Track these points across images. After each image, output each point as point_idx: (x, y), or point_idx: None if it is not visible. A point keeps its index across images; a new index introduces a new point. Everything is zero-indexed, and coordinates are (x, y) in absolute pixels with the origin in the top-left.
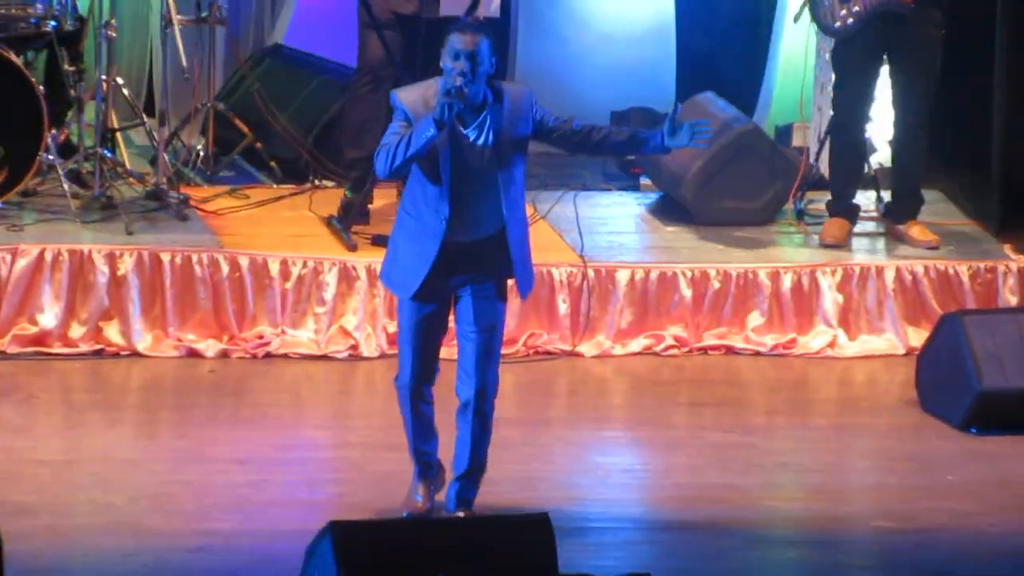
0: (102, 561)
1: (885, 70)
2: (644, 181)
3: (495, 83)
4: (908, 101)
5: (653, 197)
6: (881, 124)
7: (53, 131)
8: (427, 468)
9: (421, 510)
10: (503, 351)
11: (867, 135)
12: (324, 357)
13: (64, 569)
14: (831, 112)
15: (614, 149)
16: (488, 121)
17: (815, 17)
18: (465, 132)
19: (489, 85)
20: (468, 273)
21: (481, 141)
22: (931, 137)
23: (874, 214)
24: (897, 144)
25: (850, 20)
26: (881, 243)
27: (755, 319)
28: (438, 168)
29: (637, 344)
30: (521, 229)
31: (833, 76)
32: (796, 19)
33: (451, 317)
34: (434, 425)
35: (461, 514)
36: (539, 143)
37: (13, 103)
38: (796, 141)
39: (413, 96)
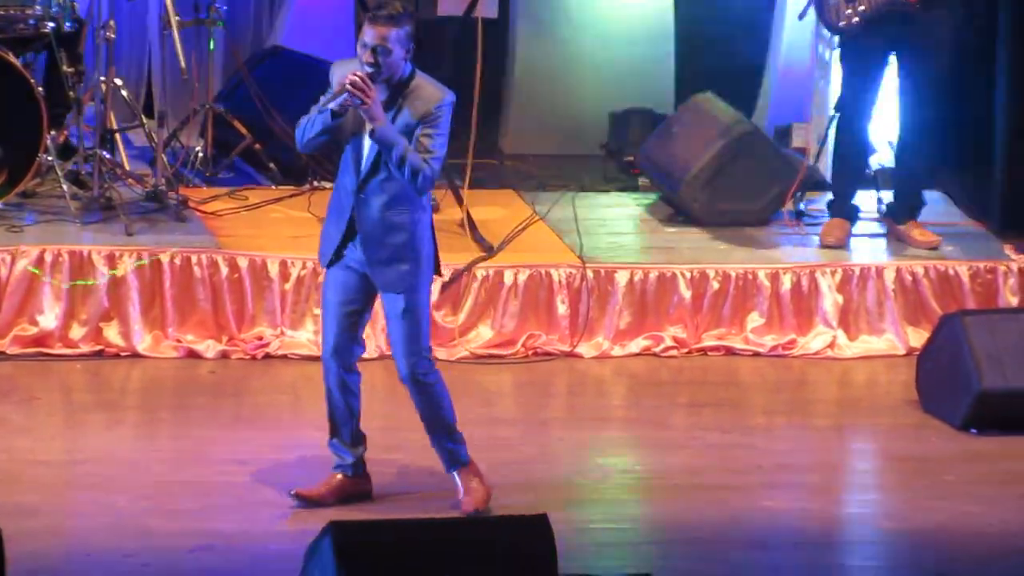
0: (103, 561)
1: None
2: (643, 182)
3: (424, 76)
4: (913, 102)
5: (652, 198)
6: (879, 125)
7: (52, 132)
8: (338, 463)
9: (307, 495)
10: (502, 352)
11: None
12: None
13: (65, 569)
14: (830, 112)
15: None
16: (394, 105)
17: (820, 15)
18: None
19: (412, 75)
20: (377, 252)
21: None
22: (933, 138)
23: (874, 215)
24: (901, 145)
25: (855, 19)
26: (881, 244)
27: (755, 320)
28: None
29: (636, 345)
30: (378, 217)
31: (831, 77)
32: (801, 17)
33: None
34: (356, 425)
35: (463, 509)
36: None
37: (12, 105)
38: (796, 142)
39: (339, 70)
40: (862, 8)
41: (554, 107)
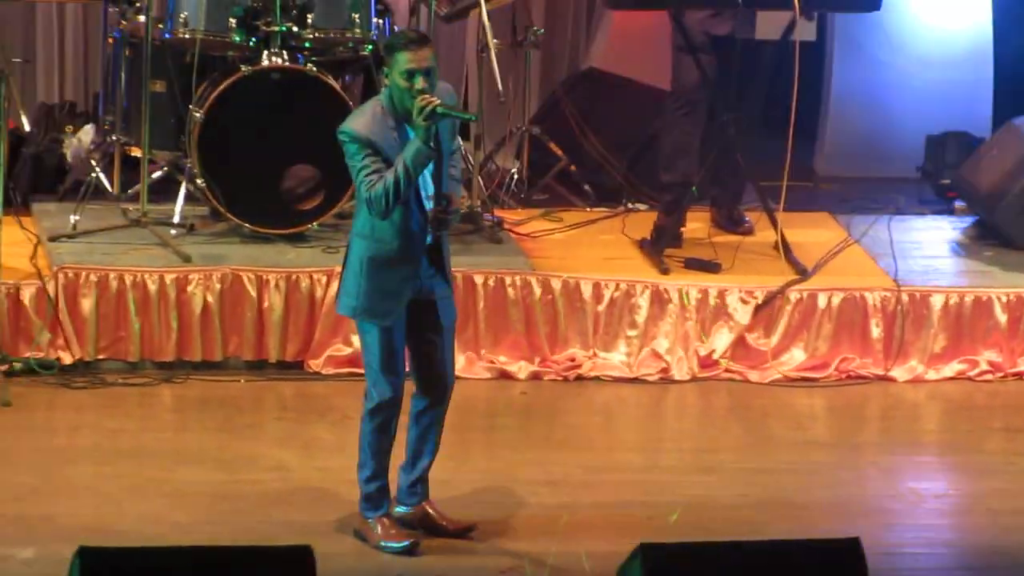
0: None
1: None
2: (959, 205)
3: None
4: None
5: (968, 221)
6: None
7: None
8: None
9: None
10: (815, 375)
11: None
12: (635, 380)
13: None
14: None
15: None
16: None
17: None
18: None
19: None
20: (448, 263)
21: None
22: None
23: None
24: None
25: None
26: None
27: None
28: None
29: (951, 369)
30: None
31: None
32: None
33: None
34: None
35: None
36: None
37: (330, 126)
38: None
39: (367, 125)
40: None
41: (870, 130)
